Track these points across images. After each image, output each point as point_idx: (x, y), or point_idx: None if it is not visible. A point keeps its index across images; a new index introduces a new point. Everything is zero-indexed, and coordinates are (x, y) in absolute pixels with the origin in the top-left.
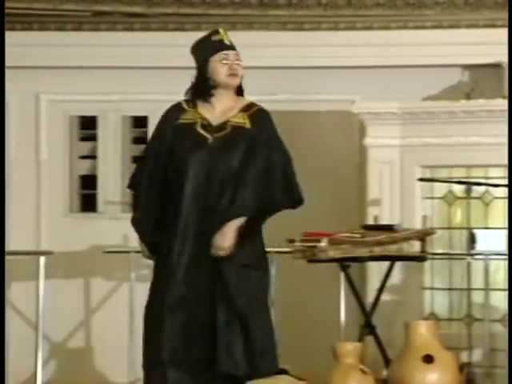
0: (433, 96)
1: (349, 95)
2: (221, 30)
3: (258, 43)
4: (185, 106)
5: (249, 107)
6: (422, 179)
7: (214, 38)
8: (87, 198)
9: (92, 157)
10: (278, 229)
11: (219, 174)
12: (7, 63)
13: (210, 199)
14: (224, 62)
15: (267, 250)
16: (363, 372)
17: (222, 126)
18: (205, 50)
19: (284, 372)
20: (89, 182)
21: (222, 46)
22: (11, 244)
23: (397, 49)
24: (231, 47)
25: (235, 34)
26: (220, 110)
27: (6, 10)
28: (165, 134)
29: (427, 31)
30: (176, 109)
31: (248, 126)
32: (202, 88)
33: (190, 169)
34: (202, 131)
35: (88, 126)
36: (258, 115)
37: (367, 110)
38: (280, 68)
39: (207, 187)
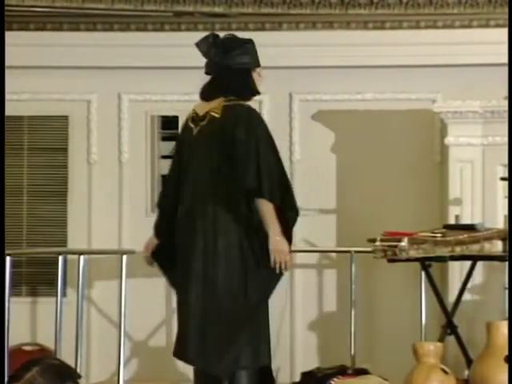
0: None
1: (430, 94)
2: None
3: (339, 42)
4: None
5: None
6: (503, 178)
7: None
8: None
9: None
10: (358, 228)
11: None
12: (92, 63)
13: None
14: (259, 76)
15: (348, 249)
16: (444, 372)
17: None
18: (253, 57)
19: (365, 371)
20: None
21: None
22: (94, 243)
23: (479, 47)
24: None
25: (315, 34)
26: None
27: (87, 11)
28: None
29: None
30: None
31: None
32: (250, 92)
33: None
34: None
35: (169, 125)
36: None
37: (448, 109)
38: (360, 67)
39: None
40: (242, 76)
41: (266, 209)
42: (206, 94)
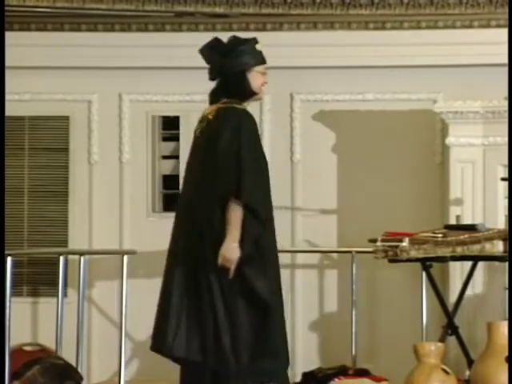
0: None
1: (431, 94)
2: (258, 40)
3: (340, 43)
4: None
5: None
6: (504, 178)
7: (258, 47)
8: (170, 197)
9: (174, 157)
10: (359, 228)
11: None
12: (93, 64)
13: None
14: (262, 74)
15: (349, 249)
16: (445, 372)
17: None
18: (250, 57)
19: (366, 371)
20: (171, 182)
21: (263, 60)
22: (95, 243)
23: (480, 47)
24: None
25: (316, 34)
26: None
27: (88, 11)
28: None
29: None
30: None
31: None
32: (246, 93)
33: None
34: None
35: (170, 126)
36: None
37: (449, 109)
38: (361, 67)
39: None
40: (237, 78)
41: (234, 213)
42: (210, 97)
